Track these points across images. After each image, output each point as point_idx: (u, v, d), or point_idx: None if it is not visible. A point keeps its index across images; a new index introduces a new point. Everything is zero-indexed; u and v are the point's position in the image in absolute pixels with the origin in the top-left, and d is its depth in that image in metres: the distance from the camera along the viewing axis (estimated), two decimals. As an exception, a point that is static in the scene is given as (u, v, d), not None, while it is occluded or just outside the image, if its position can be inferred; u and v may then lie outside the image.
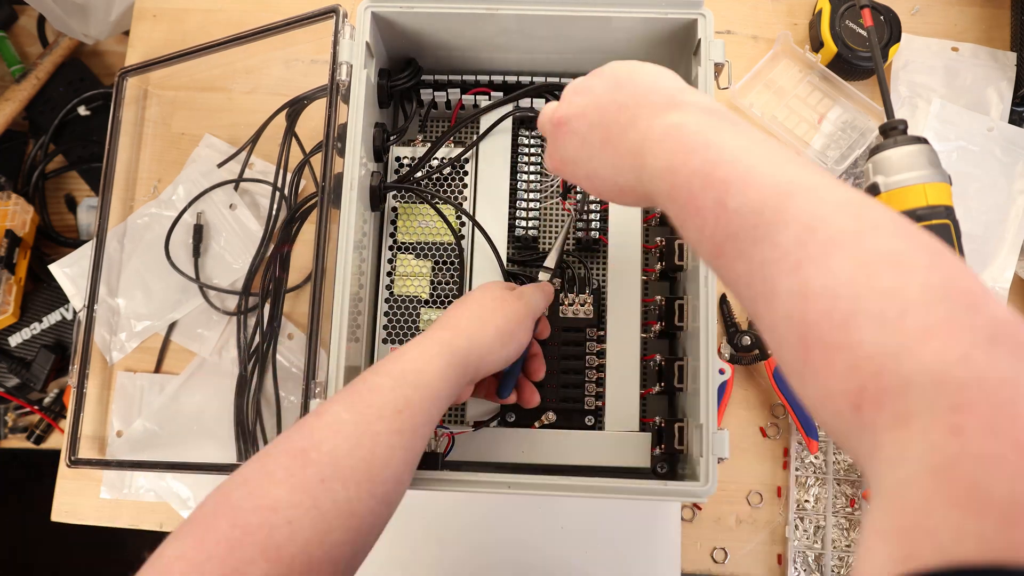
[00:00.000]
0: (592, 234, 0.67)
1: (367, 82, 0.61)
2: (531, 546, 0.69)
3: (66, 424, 0.72)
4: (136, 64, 0.80)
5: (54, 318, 0.88)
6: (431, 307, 0.65)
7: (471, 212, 0.66)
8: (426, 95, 0.70)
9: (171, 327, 0.78)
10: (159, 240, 0.77)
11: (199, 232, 0.78)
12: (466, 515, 0.70)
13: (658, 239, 0.67)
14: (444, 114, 0.72)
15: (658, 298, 0.64)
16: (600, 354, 0.64)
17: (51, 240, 0.92)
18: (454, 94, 0.69)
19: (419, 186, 0.67)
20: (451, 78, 0.70)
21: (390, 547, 0.70)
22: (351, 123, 0.60)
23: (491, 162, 0.67)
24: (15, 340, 0.86)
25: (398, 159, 0.68)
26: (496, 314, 0.54)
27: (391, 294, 0.65)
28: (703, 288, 0.56)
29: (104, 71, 0.99)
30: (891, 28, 0.76)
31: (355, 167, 0.59)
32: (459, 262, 0.65)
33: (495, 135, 0.68)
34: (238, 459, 0.72)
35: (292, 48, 0.82)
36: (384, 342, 0.64)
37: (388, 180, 0.66)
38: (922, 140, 0.52)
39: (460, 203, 0.66)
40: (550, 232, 0.70)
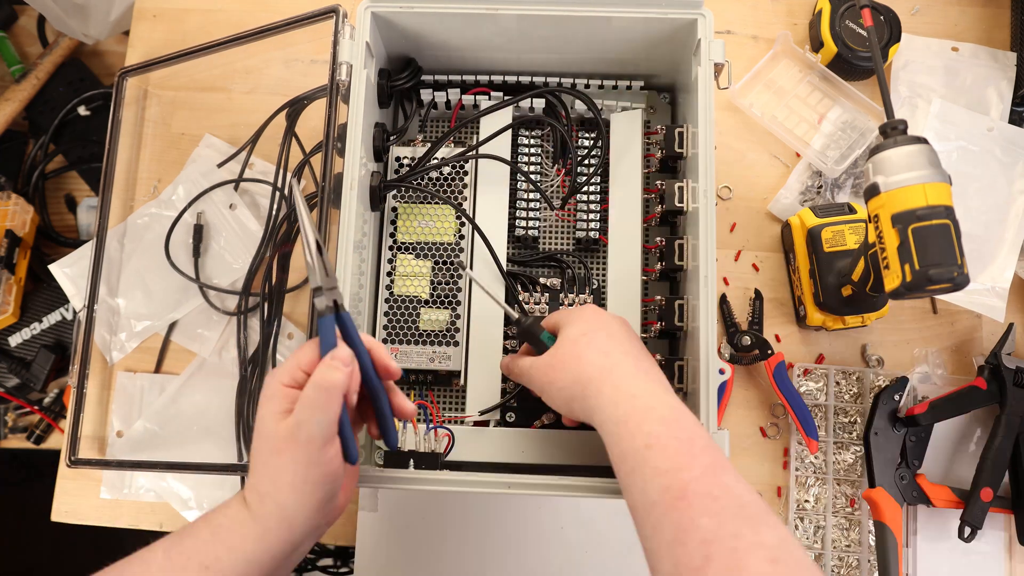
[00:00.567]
0: (592, 234, 0.67)
1: (367, 82, 0.61)
2: (531, 546, 0.69)
3: (66, 424, 0.72)
4: (136, 64, 0.80)
5: (54, 318, 0.88)
6: (431, 307, 0.65)
7: (471, 212, 0.66)
8: (426, 95, 0.70)
9: (171, 327, 0.78)
10: (159, 240, 0.77)
11: (199, 232, 0.78)
12: (466, 515, 0.70)
13: (658, 239, 0.67)
14: (444, 114, 0.72)
15: (658, 298, 0.64)
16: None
17: (51, 240, 0.92)
18: (454, 94, 0.69)
19: (419, 186, 0.67)
20: (451, 78, 0.70)
21: (390, 547, 0.70)
22: (351, 123, 0.60)
23: (491, 162, 0.67)
24: (15, 340, 0.86)
25: (398, 159, 0.68)
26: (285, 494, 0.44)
27: (391, 294, 0.65)
28: (703, 288, 0.56)
29: (104, 71, 0.99)
30: (891, 28, 0.76)
31: (355, 167, 0.59)
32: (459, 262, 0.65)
33: (495, 134, 0.68)
34: (238, 459, 0.72)
35: (292, 48, 0.82)
36: (384, 342, 0.64)
37: (388, 180, 0.66)
38: (922, 140, 0.52)
39: (460, 203, 0.66)
40: (550, 232, 0.70)
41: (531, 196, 0.68)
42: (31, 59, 0.97)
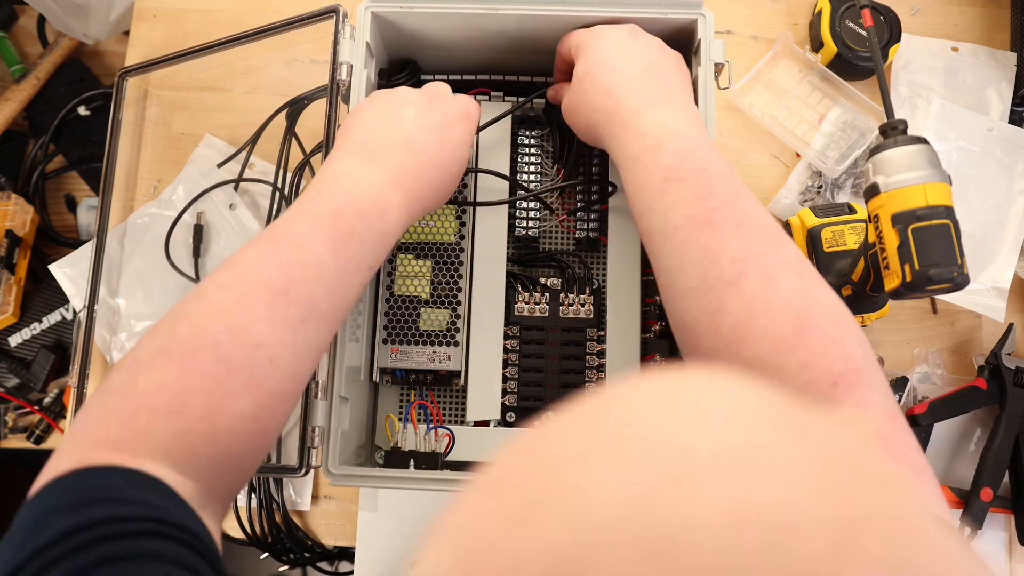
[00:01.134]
0: (592, 234, 0.67)
1: (367, 82, 0.61)
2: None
3: (66, 424, 0.72)
4: (136, 64, 0.80)
5: (54, 318, 0.88)
6: (431, 307, 0.65)
7: (471, 212, 0.66)
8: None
9: (171, 327, 0.78)
10: (159, 240, 0.77)
11: (199, 232, 0.78)
12: (466, 515, 0.70)
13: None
14: (444, 114, 0.72)
15: (658, 298, 0.64)
16: (600, 354, 0.64)
17: (51, 240, 0.92)
18: (454, 94, 0.69)
19: (419, 186, 0.67)
20: (451, 78, 0.70)
21: (390, 547, 0.70)
22: (351, 123, 0.60)
23: (491, 162, 0.67)
24: (15, 340, 0.86)
25: (398, 159, 0.68)
26: (442, 147, 0.53)
27: (391, 294, 0.65)
28: (703, 288, 0.56)
29: (104, 71, 0.99)
30: (891, 28, 0.76)
31: (355, 167, 0.59)
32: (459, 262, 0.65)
33: (496, 134, 0.68)
34: (238, 459, 0.72)
35: (292, 48, 0.82)
36: (384, 342, 0.64)
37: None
38: (922, 140, 0.52)
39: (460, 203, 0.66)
40: (551, 232, 0.70)
41: (531, 196, 0.68)
42: (31, 59, 0.97)
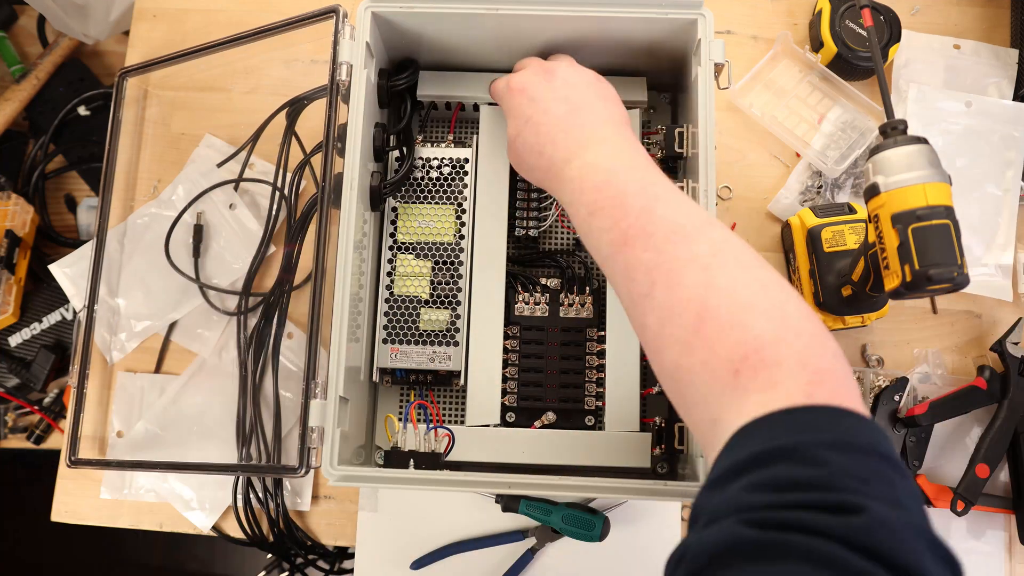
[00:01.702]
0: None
1: (367, 82, 0.61)
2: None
3: (66, 424, 0.72)
4: (136, 64, 0.80)
5: (54, 318, 0.88)
6: (431, 307, 0.65)
7: (471, 212, 0.66)
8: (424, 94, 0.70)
9: (171, 327, 0.78)
10: (159, 240, 0.77)
11: (199, 232, 0.78)
12: (466, 515, 0.70)
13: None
14: (444, 115, 0.72)
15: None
16: (600, 354, 0.64)
17: (51, 240, 0.92)
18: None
19: (418, 186, 0.67)
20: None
21: (390, 547, 0.70)
22: (351, 123, 0.60)
23: (491, 162, 0.67)
24: (15, 340, 0.86)
25: (398, 159, 0.68)
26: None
27: (391, 294, 0.65)
28: (703, 288, 0.56)
29: (104, 71, 0.99)
30: (891, 28, 0.76)
31: (355, 167, 0.59)
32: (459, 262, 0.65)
33: (495, 134, 0.68)
34: (239, 459, 0.72)
35: (292, 48, 0.82)
36: (384, 342, 0.64)
37: (388, 180, 0.66)
38: (922, 140, 0.52)
39: (460, 203, 0.66)
40: (551, 232, 0.70)
41: (531, 196, 0.68)
42: (31, 59, 0.97)
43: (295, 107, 0.76)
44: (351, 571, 0.74)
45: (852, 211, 0.70)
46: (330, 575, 0.90)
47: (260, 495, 0.72)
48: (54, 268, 0.81)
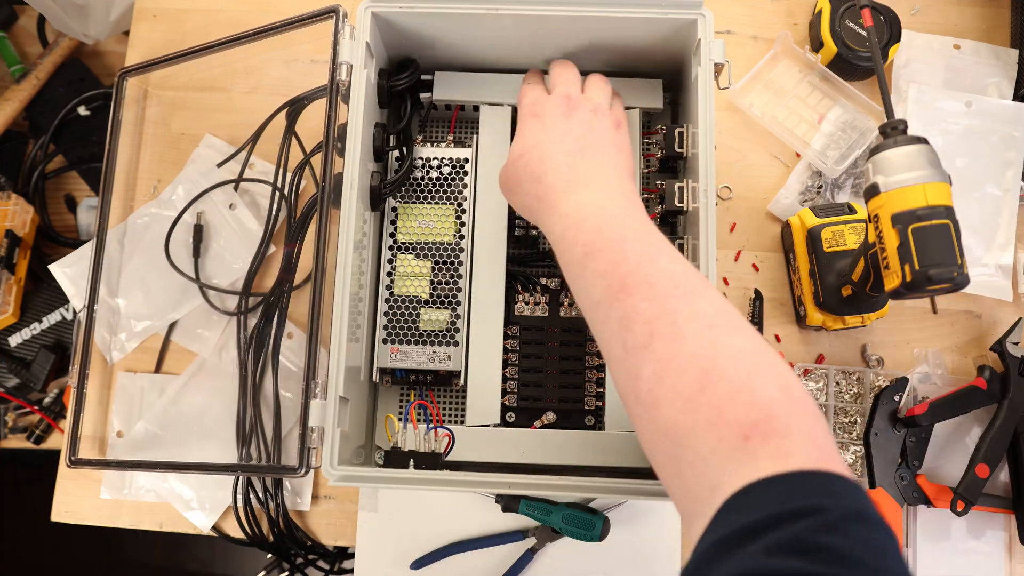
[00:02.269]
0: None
1: (367, 82, 0.61)
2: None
3: (66, 424, 0.72)
4: (136, 64, 0.80)
5: (54, 318, 0.88)
6: (431, 307, 0.65)
7: (471, 212, 0.66)
8: (426, 95, 0.70)
9: (171, 327, 0.78)
10: (159, 240, 0.77)
11: (199, 232, 0.78)
12: (466, 515, 0.70)
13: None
14: (444, 115, 0.72)
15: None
16: (600, 354, 0.64)
17: (51, 240, 0.92)
18: (454, 94, 0.69)
19: (419, 186, 0.67)
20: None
21: (390, 547, 0.70)
22: (351, 123, 0.60)
23: (491, 162, 0.67)
24: (15, 340, 0.86)
25: (398, 159, 0.68)
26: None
27: (391, 294, 0.65)
28: (703, 288, 0.56)
29: (104, 71, 0.99)
30: (891, 28, 0.76)
31: (355, 167, 0.59)
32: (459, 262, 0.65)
33: (495, 134, 0.68)
34: (239, 459, 0.72)
35: (292, 48, 0.82)
36: (384, 342, 0.64)
37: (388, 180, 0.66)
38: (922, 140, 0.52)
39: (460, 203, 0.66)
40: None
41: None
42: (31, 59, 0.97)
43: (295, 107, 0.76)
44: (351, 571, 0.74)
45: (852, 211, 0.70)
46: (330, 575, 0.91)
47: (260, 495, 0.72)
48: (54, 268, 0.81)
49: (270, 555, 0.85)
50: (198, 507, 0.73)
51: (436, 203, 0.66)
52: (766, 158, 0.78)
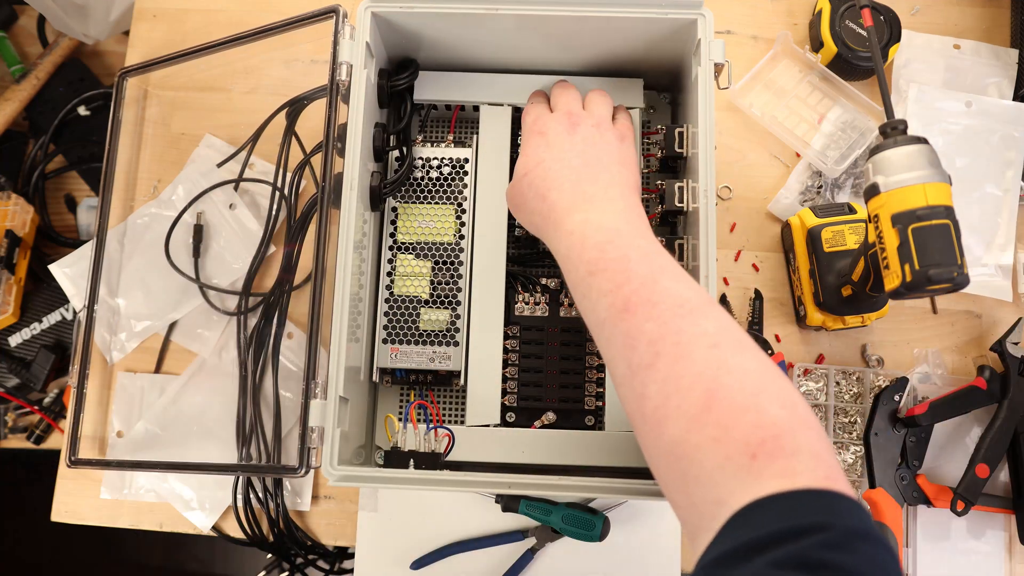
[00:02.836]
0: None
1: (367, 82, 0.61)
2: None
3: (66, 424, 0.72)
4: (136, 64, 0.80)
5: (54, 318, 0.88)
6: (431, 307, 0.65)
7: (471, 212, 0.66)
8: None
9: (171, 327, 0.78)
10: (159, 240, 0.77)
11: (199, 232, 0.78)
12: (466, 515, 0.70)
13: (658, 239, 0.66)
14: (444, 115, 0.72)
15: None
16: (600, 354, 0.64)
17: (51, 240, 0.92)
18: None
19: (419, 186, 0.67)
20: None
21: (390, 547, 0.70)
22: (351, 123, 0.60)
23: (491, 161, 0.67)
24: (15, 340, 0.86)
25: (398, 159, 0.68)
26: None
27: (391, 294, 0.65)
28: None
29: (104, 71, 0.99)
30: (891, 28, 0.76)
31: (355, 167, 0.59)
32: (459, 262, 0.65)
33: (495, 134, 0.68)
34: (239, 459, 0.72)
35: (292, 48, 0.82)
36: (384, 342, 0.64)
37: (388, 180, 0.66)
38: (922, 140, 0.52)
39: (460, 203, 0.66)
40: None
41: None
42: (31, 59, 0.97)
43: (295, 107, 0.76)
44: (351, 571, 0.74)
45: (852, 211, 0.70)
46: (330, 575, 0.91)
47: (260, 495, 0.72)
48: (54, 268, 0.81)
49: (270, 555, 0.85)
50: (198, 507, 0.73)
51: (436, 203, 0.66)
52: (766, 158, 0.78)
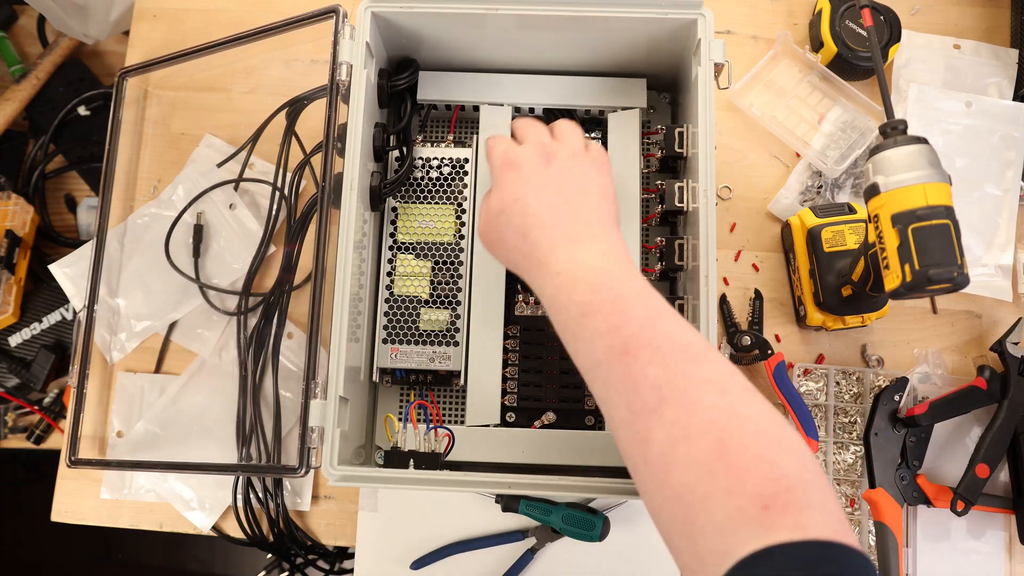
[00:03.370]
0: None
1: (367, 82, 0.61)
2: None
3: (66, 424, 0.72)
4: (136, 64, 0.80)
5: (54, 318, 0.88)
6: (431, 307, 0.65)
7: (471, 212, 0.66)
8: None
9: (171, 327, 0.78)
10: (159, 240, 0.77)
11: (199, 232, 0.78)
12: (466, 515, 0.70)
13: (658, 239, 0.67)
14: (444, 115, 0.72)
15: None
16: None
17: (51, 240, 0.92)
18: (454, 94, 0.69)
19: (419, 186, 0.67)
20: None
21: (390, 547, 0.70)
22: (351, 123, 0.60)
23: (491, 162, 0.67)
24: (15, 340, 0.86)
25: (398, 159, 0.68)
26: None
27: (391, 294, 0.65)
28: (703, 288, 0.56)
29: (104, 71, 0.99)
30: (891, 28, 0.76)
31: (355, 167, 0.59)
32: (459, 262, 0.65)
33: (496, 134, 0.68)
34: (239, 459, 0.72)
35: (292, 48, 0.82)
36: (384, 342, 0.64)
37: (388, 180, 0.66)
38: (922, 140, 0.52)
39: (460, 203, 0.66)
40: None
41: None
42: (31, 59, 0.97)
43: (295, 107, 0.76)
44: (351, 571, 0.74)
45: (852, 211, 0.70)
46: (330, 575, 0.91)
47: (260, 495, 0.72)
48: (54, 268, 0.81)
49: (270, 555, 0.85)
50: (198, 507, 0.73)
51: (436, 203, 0.66)
52: (766, 158, 0.78)
